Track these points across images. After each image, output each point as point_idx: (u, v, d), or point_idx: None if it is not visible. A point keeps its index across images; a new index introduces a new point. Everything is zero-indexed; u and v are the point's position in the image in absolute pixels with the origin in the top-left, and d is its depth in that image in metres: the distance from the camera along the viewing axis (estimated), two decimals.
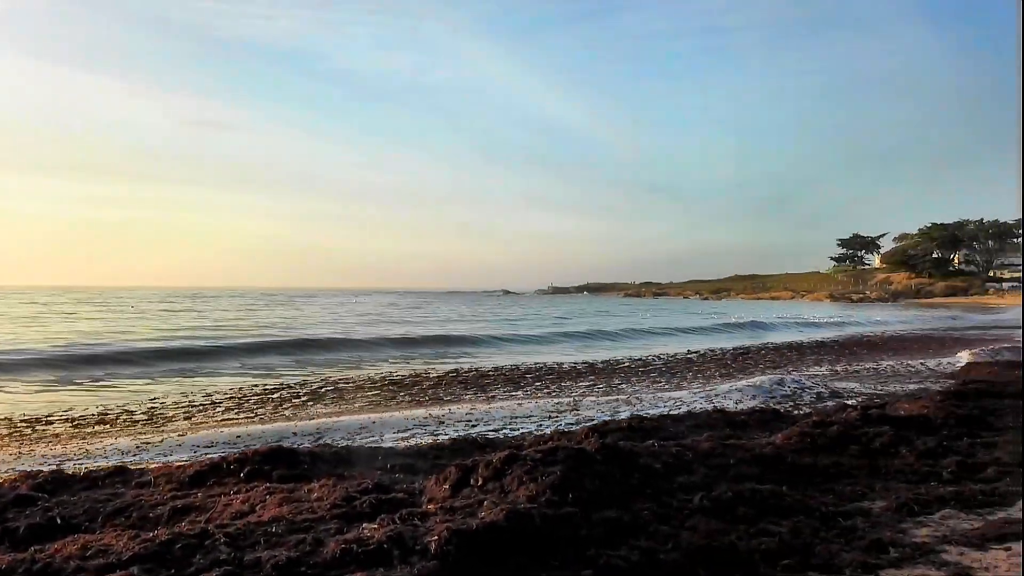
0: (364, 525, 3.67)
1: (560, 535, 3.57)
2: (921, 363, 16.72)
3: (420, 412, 9.83)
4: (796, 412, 8.90)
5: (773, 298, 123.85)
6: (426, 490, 4.34)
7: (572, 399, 11.05)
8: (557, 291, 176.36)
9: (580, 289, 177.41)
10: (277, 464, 5.88)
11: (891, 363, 16.82)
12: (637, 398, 11.22)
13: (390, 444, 7.34)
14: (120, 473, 6.06)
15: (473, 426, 8.83)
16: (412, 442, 7.50)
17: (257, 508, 4.34)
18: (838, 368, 16.06)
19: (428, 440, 7.52)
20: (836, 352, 20.87)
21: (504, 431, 8.44)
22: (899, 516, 4.34)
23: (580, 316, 49.20)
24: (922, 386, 11.85)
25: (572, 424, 8.64)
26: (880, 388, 11.98)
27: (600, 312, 58.08)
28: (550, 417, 9.39)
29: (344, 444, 7.08)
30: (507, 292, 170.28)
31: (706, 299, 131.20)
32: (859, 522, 4.21)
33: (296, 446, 6.70)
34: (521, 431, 8.38)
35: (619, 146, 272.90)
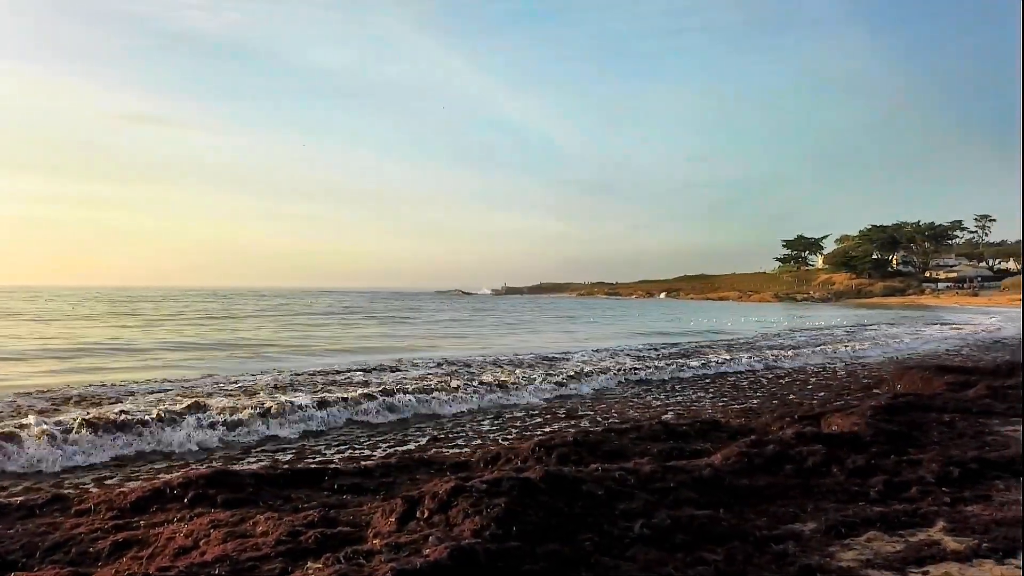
0: (309, 564, 3.70)
1: (505, 571, 3.66)
2: None
3: None
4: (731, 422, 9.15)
5: (721, 298, 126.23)
6: (372, 523, 4.38)
7: None
8: (510, 291, 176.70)
9: (533, 289, 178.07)
10: (221, 488, 5.84)
11: None
12: None
13: (335, 465, 7.33)
14: (59, 501, 5.94)
15: None
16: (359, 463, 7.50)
17: (201, 543, 4.32)
18: None
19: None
20: None
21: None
22: (828, 539, 4.54)
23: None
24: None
25: None
26: None
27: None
28: None
29: (287, 466, 7.05)
30: (463, 292, 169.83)
31: (655, 297, 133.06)
32: (790, 546, 4.39)
33: (240, 469, 6.64)
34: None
35: (573, 146, 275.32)
